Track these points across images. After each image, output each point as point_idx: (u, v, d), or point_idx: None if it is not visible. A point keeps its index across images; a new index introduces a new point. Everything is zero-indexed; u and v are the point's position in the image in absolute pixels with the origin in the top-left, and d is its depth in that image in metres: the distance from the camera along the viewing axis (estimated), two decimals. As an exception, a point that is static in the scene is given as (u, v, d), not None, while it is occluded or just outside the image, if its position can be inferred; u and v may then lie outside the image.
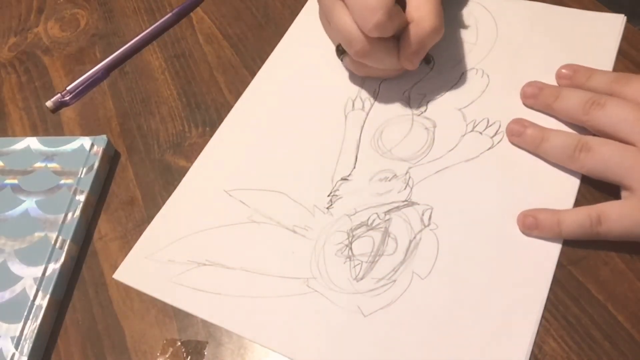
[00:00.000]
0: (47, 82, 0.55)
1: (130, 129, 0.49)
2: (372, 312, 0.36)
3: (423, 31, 0.40)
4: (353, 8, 0.39)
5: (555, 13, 0.46)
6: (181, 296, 0.39)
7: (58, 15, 0.61)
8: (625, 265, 0.35)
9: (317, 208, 0.41)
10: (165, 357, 0.37)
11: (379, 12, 0.37)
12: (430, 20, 0.40)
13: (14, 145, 0.48)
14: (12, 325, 0.38)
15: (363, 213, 0.39)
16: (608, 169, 0.35)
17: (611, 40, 0.43)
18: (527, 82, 0.42)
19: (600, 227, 0.34)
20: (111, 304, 0.40)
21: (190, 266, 0.40)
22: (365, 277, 0.37)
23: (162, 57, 0.54)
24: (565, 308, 0.34)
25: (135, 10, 0.59)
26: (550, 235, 0.36)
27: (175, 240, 0.41)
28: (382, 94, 0.45)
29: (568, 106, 0.39)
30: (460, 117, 0.42)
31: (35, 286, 0.40)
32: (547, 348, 0.33)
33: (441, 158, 0.41)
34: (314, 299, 0.37)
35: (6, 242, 0.42)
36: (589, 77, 0.40)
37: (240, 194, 0.43)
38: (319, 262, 0.38)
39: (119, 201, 0.45)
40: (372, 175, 0.41)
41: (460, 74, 0.45)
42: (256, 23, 0.54)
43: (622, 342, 0.33)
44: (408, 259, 0.37)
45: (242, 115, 0.47)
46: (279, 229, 0.40)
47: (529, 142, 0.39)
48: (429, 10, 0.40)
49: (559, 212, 0.36)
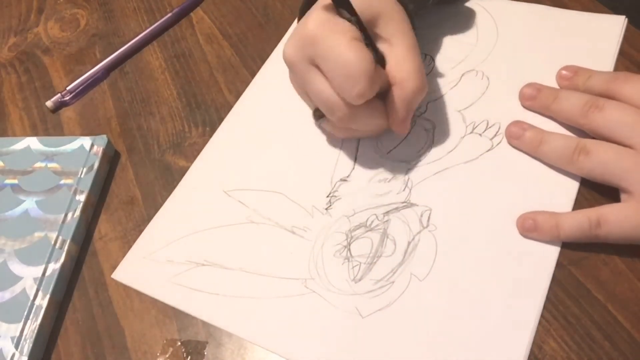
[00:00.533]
0: (47, 82, 0.55)
1: (130, 129, 0.49)
2: (371, 313, 0.36)
3: (407, 94, 0.38)
4: (333, 77, 0.36)
5: (555, 15, 0.46)
6: (179, 296, 0.39)
7: (58, 15, 0.61)
8: (625, 265, 0.35)
9: (315, 209, 0.41)
10: (165, 357, 0.37)
11: (361, 81, 0.35)
12: (413, 81, 0.38)
13: (14, 145, 0.48)
14: (12, 325, 0.38)
15: (362, 214, 0.39)
16: (606, 171, 0.35)
17: (611, 42, 0.43)
18: (526, 84, 0.42)
19: (600, 230, 0.34)
20: (111, 304, 0.40)
21: (189, 266, 0.40)
22: (364, 278, 0.37)
23: (162, 57, 0.54)
24: (565, 308, 0.34)
25: (135, 10, 0.59)
26: (549, 237, 0.36)
27: (173, 241, 0.41)
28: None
29: (566, 108, 0.39)
30: (460, 118, 0.42)
31: (35, 286, 0.40)
32: (547, 348, 0.33)
33: (440, 159, 0.41)
34: (312, 300, 0.37)
35: (6, 242, 0.42)
36: (589, 78, 0.40)
37: (239, 194, 0.43)
38: (317, 263, 0.38)
39: (119, 201, 0.45)
40: (371, 177, 0.41)
41: (460, 75, 0.45)
42: (256, 23, 0.54)
43: (622, 342, 0.33)
44: (406, 260, 0.37)
45: (241, 116, 0.48)
46: (277, 230, 0.40)
47: (528, 145, 0.39)
48: (410, 70, 0.38)
49: (558, 215, 0.36)
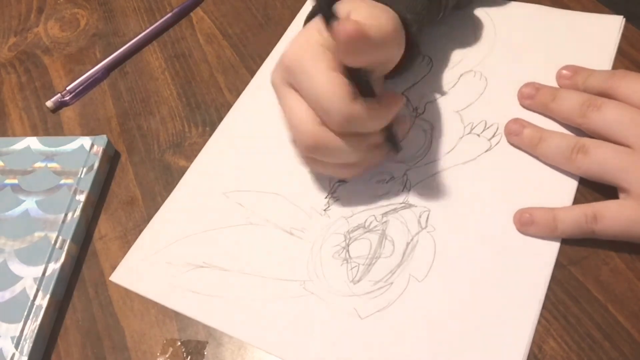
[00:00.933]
0: (47, 82, 0.55)
1: (130, 129, 0.49)
2: (369, 314, 0.36)
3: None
4: (311, 106, 0.35)
5: (553, 15, 0.46)
6: (178, 298, 0.39)
7: (58, 15, 0.61)
8: (625, 265, 0.35)
9: (314, 210, 0.41)
10: (165, 357, 0.37)
11: (333, 115, 0.34)
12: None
13: (14, 145, 0.48)
14: (12, 325, 0.38)
15: (360, 215, 0.39)
16: (604, 170, 0.35)
17: (610, 42, 0.43)
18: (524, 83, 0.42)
19: (596, 225, 0.34)
20: (111, 304, 0.40)
21: (188, 268, 0.40)
22: (362, 279, 0.37)
23: (162, 57, 0.54)
24: (565, 308, 0.34)
25: (135, 10, 0.59)
26: (546, 232, 0.36)
27: (172, 243, 0.41)
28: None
29: (564, 107, 0.39)
30: (458, 119, 0.42)
31: (35, 286, 0.40)
32: (547, 348, 0.33)
33: (439, 160, 0.41)
34: (311, 301, 0.37)
35: (6, 242, 0.42)
36: (588, 77, 0.40)
37: (238, 195, 0.43)
38: (315, 265, 0.38)
39: (119, 201, 0.45)
40: (369, 177, 0.41)
41: (458, 76, 0.45)
42: (256, 23, 0.54)
43: (622, 342, 0.33)
44: (405, 261, 0.37)
45: (239, 116, 0.48)
46: (276, 231, 0.40)
47: (527, 142, 0.39)
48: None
49: (555, 210, 0.36)
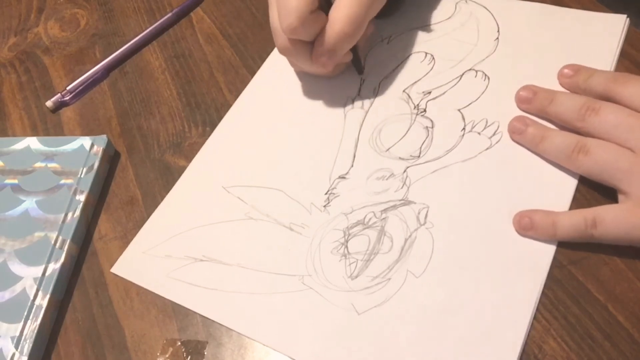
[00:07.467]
0: (47, 82, 0.55)
1: (130, 129, 0.49)
2: (366, 309, 0.36)
3: (331, 33, 0.40)
4: (278, 8, 0.41)
5: (556, 14, 0.46)
6: (177, 291, 0.39)
7: (58, 15, 0.61)
8: (625, 265, 0.35)
9: (314, 206, 0.41)
10: (165, 357, 0.37)
11: (292, 16, 0.39)
12: (341, 24, 0.40)
13: (14, 145, 0.48)
14: (12, 325, 0.38)
15: (360, 211, 0.40)
16: (604, 172, 0.35)
17: (612, 41, 0.43)
18: (525, 84, 0.41)
19: (595, 229, 0.34)
20: (111, 303, 0.40)
21: (187, 261, 0.40)
22: (360, 275, 0.37)
23: (162, 57, 0.54)
24: (565, 308, 0.34)
25: (135, 10, 0.59)
26: (545, 236, 0.36)
27: (172, 236, 0.42)
28: (382, 93, 0.45)
29: (563, 111, 0.39)
30: (459, 117, 0.42)
31: (35, 286, 0.40)
32: (547, 348, 0.33)
33: (439, 158, 0.41)
34: (309, 296, 0.37)
35: (6, 242, 0.42)
36: (589, 77, 0.40)
37: (238, 190, 0.43)
38: (314, 260, 0.38)
39: (119, 201, 0.45)
40: (369, 174, 0.41)
41: (460, 74, 0.44)
42: (256, 23, 0.54)
43: (622, 342, 0.32)
44: (403, 257, 0.37)
45: (241, 113, 0.48)
46: (275, 226, 0.40)
47: (530, 140, 0.39)
48: (344, 15, 0.40)
49: (554, 214, 0.36)
